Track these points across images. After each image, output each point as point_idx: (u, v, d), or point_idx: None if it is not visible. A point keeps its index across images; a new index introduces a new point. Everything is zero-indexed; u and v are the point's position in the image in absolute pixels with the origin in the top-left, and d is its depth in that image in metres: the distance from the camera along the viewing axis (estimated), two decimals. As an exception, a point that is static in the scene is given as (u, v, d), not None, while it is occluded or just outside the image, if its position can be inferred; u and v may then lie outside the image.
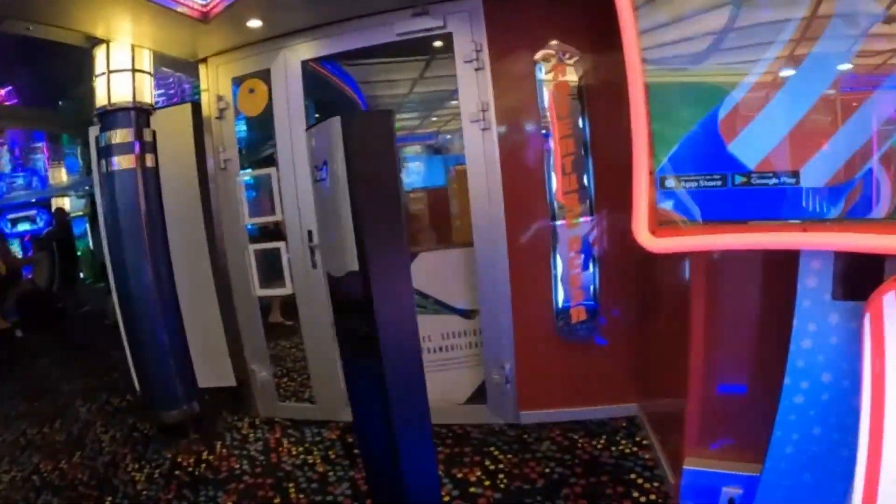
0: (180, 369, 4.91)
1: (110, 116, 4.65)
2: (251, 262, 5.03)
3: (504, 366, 4.54)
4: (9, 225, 17.93)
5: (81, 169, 17.34)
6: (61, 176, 17.34)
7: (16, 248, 17.74)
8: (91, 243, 17.59)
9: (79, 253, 14.16)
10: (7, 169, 15.91)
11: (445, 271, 4.90)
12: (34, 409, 6.40)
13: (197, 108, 5.61)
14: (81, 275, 14.66)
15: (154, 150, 4.80)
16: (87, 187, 17.95)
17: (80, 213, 17.85)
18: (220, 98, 5.02)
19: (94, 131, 5.67)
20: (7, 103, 8.77)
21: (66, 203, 17.21)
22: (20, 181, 17.47)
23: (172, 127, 5.35)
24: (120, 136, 4.62)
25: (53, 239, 11.89)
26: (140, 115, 4.71)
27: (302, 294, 5.00)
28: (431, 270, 4.87)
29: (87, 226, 17.87)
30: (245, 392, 5.53)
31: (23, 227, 18.01)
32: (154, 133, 4.82)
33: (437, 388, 4.28)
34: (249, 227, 5.12)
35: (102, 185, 4.79)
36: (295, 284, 5.01)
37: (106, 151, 4.65)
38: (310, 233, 4.80)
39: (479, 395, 4.79)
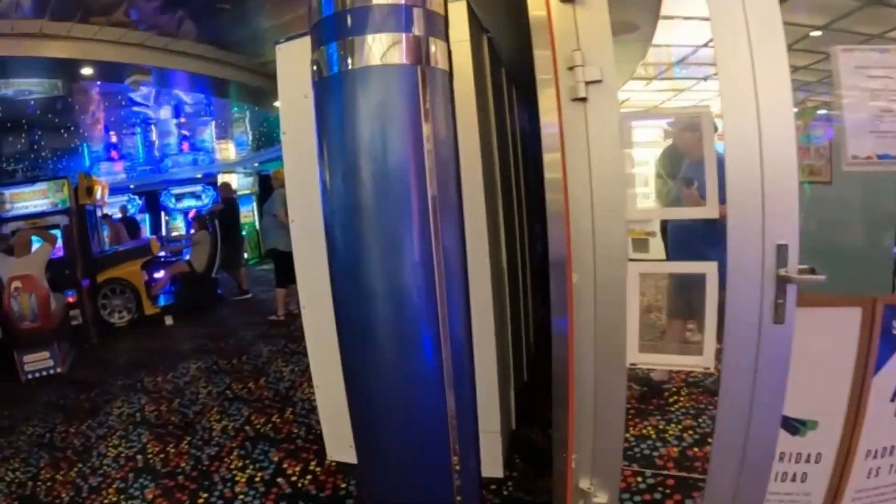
0: (468, 470, 2.28)
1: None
2: (630, 299, 2.39)
3: None
4: (173, 200, 16.79)
5: (250, 144, 15.85)
6: (229, 152, 15.87)
7: (179, 224, 16.61)
8: (258, 223, 16.11)
9: (244, 233, 12.29)
10: (173, 140, 14.45)
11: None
12: (168, 455, 4.32)
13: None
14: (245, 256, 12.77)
15: (447, 37, 2.27)
16: (255, 164, 16.50)
17: (248, 192, 16.39)
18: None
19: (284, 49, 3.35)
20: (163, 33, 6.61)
21: (233, 180, 15.64)
22: (188, 157, 16.25)
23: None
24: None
25: (216, 217, 9.95)
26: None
27: (739, 372, 2.36)
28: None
29: (254, 204, 16.47)
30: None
31: (188, 202, 16.83)
32: (446, 4, 2.29)
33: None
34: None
35: (323, 97, 2.23)
36: (728, 353, 2.33)
37: (338, 27, 2.13)
38: (779, 248, 2.20)
39: None
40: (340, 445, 3.62)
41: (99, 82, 7.63)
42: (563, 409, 2.64)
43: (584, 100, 2.39)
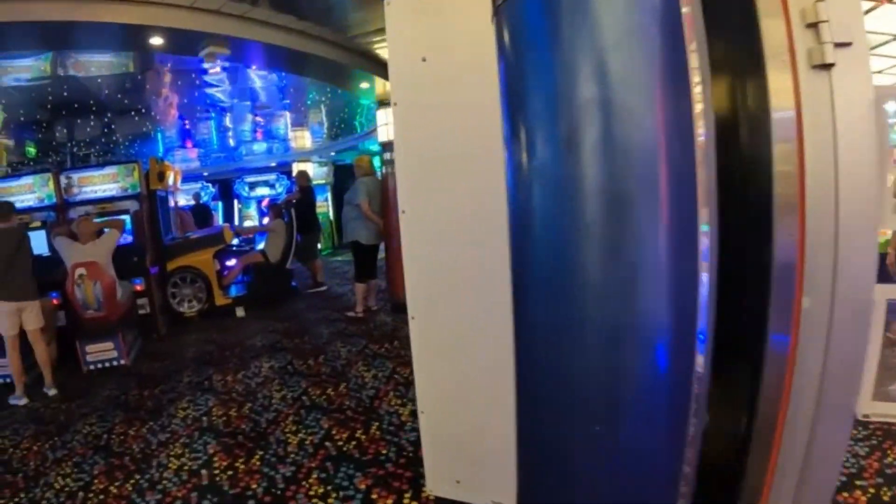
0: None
1: None
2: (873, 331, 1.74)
3: None
4: (246, 188, 16.53)
5: (326, 132, 15.35)
6: (304, 140, 15.39)
7: (252, 213, 16.37)
8: (331, 213, 15.71)
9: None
10: (247, 127, 14.01)
11: None
12: (237, 472, 3.73)
13: None
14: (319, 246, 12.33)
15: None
16: (332, 153, 16.07)
17: (322, 182, 15.98)
18: None
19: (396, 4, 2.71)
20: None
21: (308, 169, 15.25)
22: (262, 145, 15.90)
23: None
24: None
25: (293, 206, 9.44)
26: None
27: None
28: None
29: (328, 194, 16.07)
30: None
31: (261, 191, 16.57)
32: None
33: None
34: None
35: (514, 28, 1.59)
36: None
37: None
38: None
39: None
40: (444, 478, 2.95)
41: (171, 57, 7.05)
42: (761, 457, 1.91)
43: (829, 67, 1.64)
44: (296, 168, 14.73)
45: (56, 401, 5.39)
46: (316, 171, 16.01)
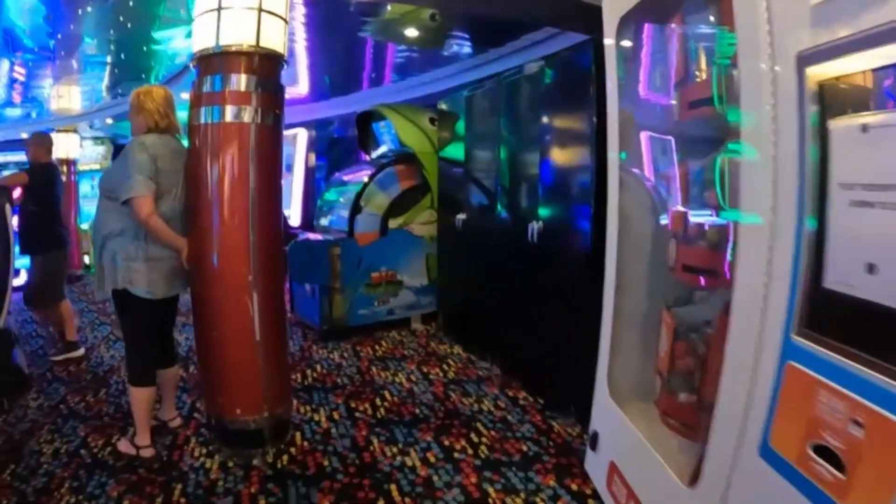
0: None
1: None
2: None
3: None
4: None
5: (105, 88, 10.46)
6: (70, 100, 10.46)
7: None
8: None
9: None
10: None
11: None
12: None
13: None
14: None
15: None
16: (108, 120, 11.25)
17: (96, 167, 11.33)
18: None
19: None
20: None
21: (72, 143, 10.48)
22: (16, 109, 10.97)
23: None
24: None
25: (8, 199, 5.11)
26: None
27: None
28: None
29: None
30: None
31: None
32: None
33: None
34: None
35: None
36: None
37: None
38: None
39: None
40: None
41: None
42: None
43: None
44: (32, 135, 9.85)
45: None
46: (88, 152, 11.45)
